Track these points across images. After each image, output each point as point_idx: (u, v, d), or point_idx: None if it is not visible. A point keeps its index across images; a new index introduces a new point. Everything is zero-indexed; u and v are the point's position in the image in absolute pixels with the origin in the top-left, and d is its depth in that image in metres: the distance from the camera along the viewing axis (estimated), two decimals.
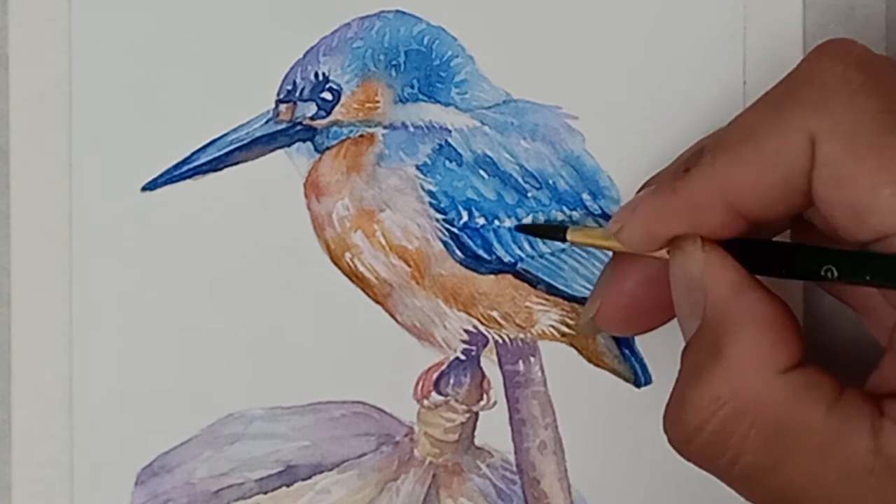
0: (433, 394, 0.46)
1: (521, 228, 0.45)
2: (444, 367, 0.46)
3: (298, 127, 0.45)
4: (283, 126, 0.45)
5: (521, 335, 0.46)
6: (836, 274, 0.38)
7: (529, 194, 0.45)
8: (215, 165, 0.45)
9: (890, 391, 0.37)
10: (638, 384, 0.46)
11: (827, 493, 0.36)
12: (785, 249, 0.39)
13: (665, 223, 0.39)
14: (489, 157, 0.45)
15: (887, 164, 0.36)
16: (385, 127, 0.45)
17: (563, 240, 0.43)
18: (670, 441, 0.38)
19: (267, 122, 0.45)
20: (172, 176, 0.45)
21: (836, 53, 0.37)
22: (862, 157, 0.36)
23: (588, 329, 0.44)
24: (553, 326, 0.46)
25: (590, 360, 0.46)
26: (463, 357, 0.46)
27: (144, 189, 0.45)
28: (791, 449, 0.36)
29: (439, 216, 0.45)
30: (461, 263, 0.45)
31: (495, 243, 0.45)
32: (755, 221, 0.38)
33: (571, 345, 0.46)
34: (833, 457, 0.36)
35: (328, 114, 0.45)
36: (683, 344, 0.39)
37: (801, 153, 0.36)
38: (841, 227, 0.37)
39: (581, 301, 0.46)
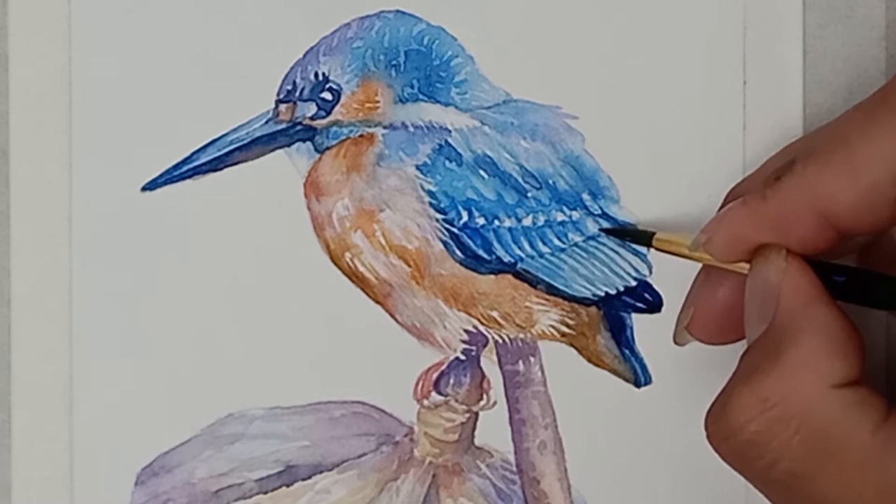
0: (433, 394, 0.46)
1: (609, 231, 0.45)
2: (444, 367, 0.46)
3: (298, 127, 0.45)
4: (283, 126, 0.45)
5: (521, 335, 0.46)
6: None
7: (529, 194, 0.45)
8: (215, 165, 0.45)
9: None
10: (638, 384, 0.46)
11: None
12: (862, 276, 0.40)
13: (754, 231, 0.39)
14: (489, 157, 0.45)
15: None
16: (385, 127, 0.45)
17: (649, 245, 0.43)
18: (709, 437, 0.38)
19: (267, 122, 0.45)
20: (172, 176, 0.45)
21: None
22: None
23: (682, 339, 0.43)
24: (553, 326, 0.46)
25: (590, 360, 0.46)
26: (463, 357, 0.46)
27: (144, 189, 0.45)
28: (832, 461, 0.36)
29: (439, 216, 0.45)
30: (461, 263, 0.45)
31: (495, 243, 0.45)
32: (844, 233, 0.38)
33: (571, 345, 0.46)
34: (873, 475, 0.36)
35: (328, 114, 0.45)
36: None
37: (892, 161, 0.37)
38: None
39: (581, 301, 0.46)
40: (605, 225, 0.45)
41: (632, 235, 0.45)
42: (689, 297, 0.43)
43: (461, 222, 0.45)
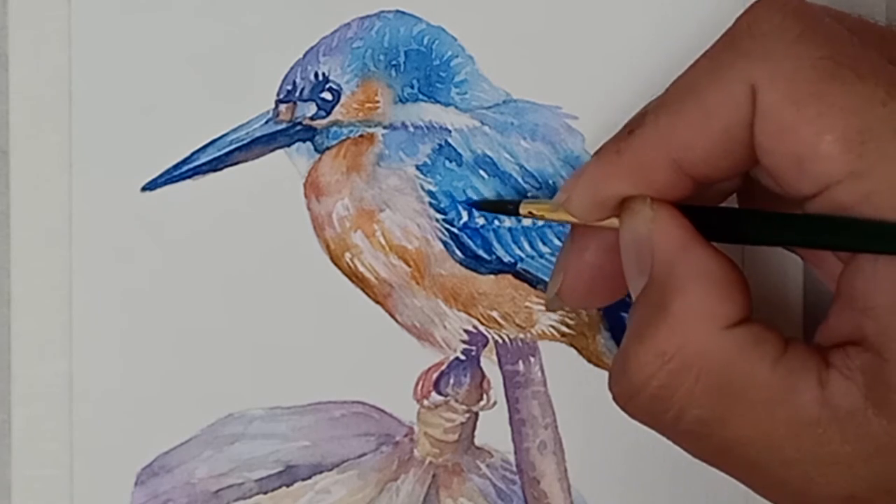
0: (433, 394, 0.46)
1: (475, 205, 0.45)
2: (443, 367, 0.46)
3: (298, 127, 0.45)
4: (283, 126, 0.45)
5: (521, 335, 0.46)
6: (779, 240, 0.38)
7: (529, 194, 0.45)
8: (215, 165, 0.45)
9: (837, 341, 0.37)
10: None
11: (774, 445, 0.36)
12: (733, 214, 0.39)
13: (611, 185, 0.39)
14: (489, 157, 0.45)
15: (828, 111, 0.35)
16: (385, 127, 0.45)
17: (517, 214, 0.42)
18: (615, 398, 0.38)
19: (267, 122, 0.45)
20: (172, 176, 0.45)
21: (775, 4, 0.37)
22: (803, 105, 0.36)
23: (554, 305, 0.43)
24: (553, 326, 0.46)
25: (590, 360, 0.46)
26: (463, 357, 0.46)
27: (144, 189, 0.45)
28: (737, 403, 0.36)
29: (439, 216, 0.45)
30: (461, 263, 0.45)
31: (495, 243, 0.45)
32: (701, 180, 0.38)
33: (571, 345, 0.46)
34: (780, 409, 0.36)
35: (328, 114, 0.45)
36: None
37: (743, 104, 0.36)
38: (785, 177, 0.37)
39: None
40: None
41: (499, 207, 0.44)
42: (558, 262, 0.42)
43: (461, 222, 0.45)
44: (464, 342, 0.46)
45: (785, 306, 0.43)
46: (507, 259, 0.45)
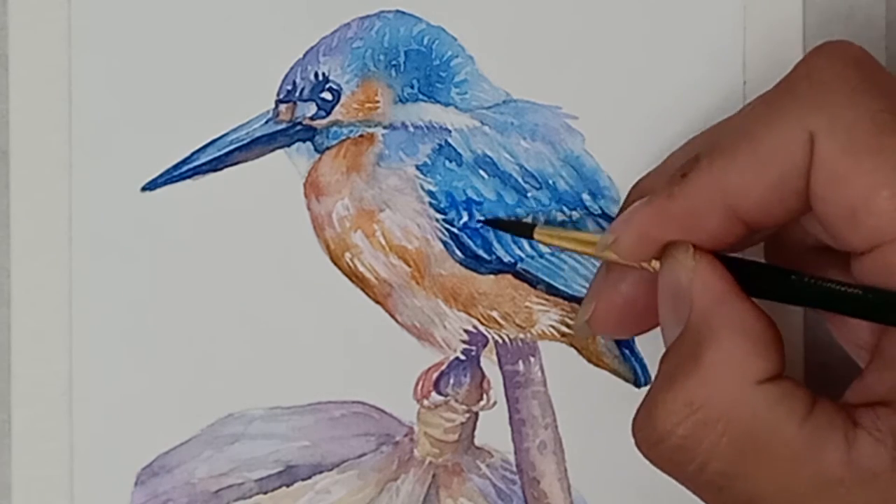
0: (433, 394, 0.46)
1: (489, 222, 0.45)
2: (443, 367, 0.46)
3: (298, 127, 0.45)
4: (283, 126, 0.45)
5: (521, 335, 0.46)
6: (819, 304, 0.38)
7: (529, 194, 0.45)
8: (215, 165, 0.45)
9: (869, 400, 0.37)
10: (638, 384, 0.46)
11: (795, 503, 0.36)
12: (774, 272, 0.39)
13: (661, 230, 0.38)
14: (489, 157, 0.45)
15: (885, 165, 0.35)
16: (385, 127, 0.45)
17: (531, 237, 0.42)
18: (637, 444, 0.38)
19: (267, 122, 0.45)
20: (172, 176, 0.45)
21: (834, 53, 0.37)
22: (860, 157, 0.36)
23: (582, 332, 0.43)
24: (553, 326, 0.46)
25: (590, 360, 0.46)
26: (463, 357, 0.46)
27: (144, 189, 0.45)
28: (762, 459, 0.36)
29: (439, 216, 0.45)
30: (461, 263, 0.45)
31: (495, 243, 0.45)
32: (753, 226, 0.38)
33: (571, 345, 0.46)
34: (805, 468, 0.36)
35: (328, 114, 0.45)
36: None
37: (799, 151, 0.36)
38: (836, 229, 0.36)
39: (581, 301, 0.46)
40: (606, 225, 0.45)
41: (513, 227, 0.44)
42: (591, 290, 0.42)
43: (461, 222, 0.45)
44: (464, 342, 0.46)
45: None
46: (507, 259, 0.45)
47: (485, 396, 0.46)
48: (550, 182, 0.45)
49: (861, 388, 0.38)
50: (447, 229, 0.45)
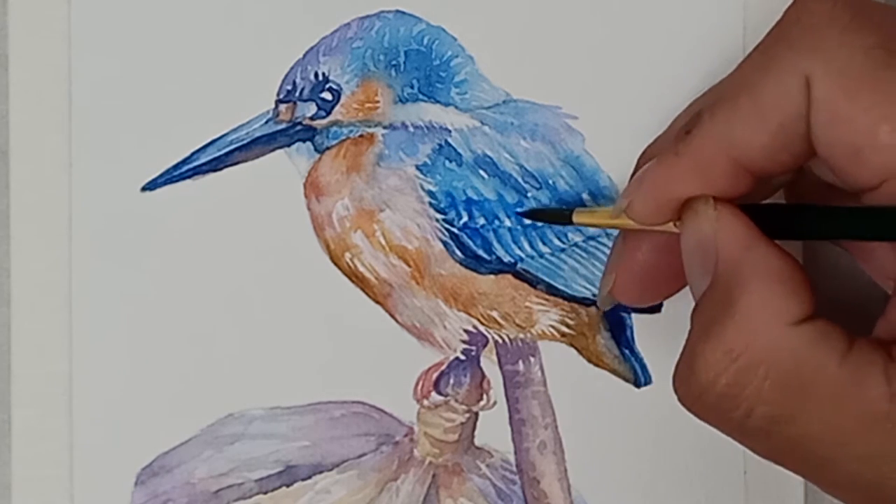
0: (433, 394, 0.46)
1: (525, 214, 0.45)
2: (443, 367, 0.46)
3: (298, 127, 0.45)
4: (283, 126, 0.45)
5: (521, 335, 0.46)
6: (840, 233, 0.38)
7: (529, 194, 0.45)
8: (215, 165, 0.45)
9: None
10: (638, 384, 0.46)
11: (843, 440, 0.36)
12: (793, 210, 0.39)
13: (673, 188, 0.39)
14: (489, 157, 0.45)
15: (883, 100, 0.36)
16: (385, 127, 0.45)
17: (570, 222, 0.43)
18: (681, 399, 0.38)
19: (267, 122, 0.45)
20: (172, 176, 0.45)
21: None
22: (857, 95, 0.36)
23: (606, 303, 0.43)
24: (553, 326, 0.46)
25: (590, 360, 0.46)
26: (463, 357, 0.46)
27: (144, 189, 0.45)
28: (806, 398, 0.36)
29: (439, 216, 0.45)
30: (461, 263, 0.45)
31: (495, 243, 0.45)
32: (761, 175, 0.38)
33: (571, 345, 0.46)
34: (848, 404, 0.36)
35: (328, 114, 0.45)
36: (686, 334, 0.38)
37: (797, 96, 0.36)
38: (843, 169, 0.37)
39: (581, 301, 0.46)
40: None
41: (552, 216, 0.44)
42: (610, 262, 0.43)
43: (461, 222, 0.45)
44: (464, 342, 0.46)
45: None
46: (507, 259, 0.45)
47: (485, 396, 0.46)
48: (550, 182, 0.45)
49: (888, 325, 0.38)
50: (447, 229, 0.45)
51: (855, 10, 0.37)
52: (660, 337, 0.46)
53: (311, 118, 0.45)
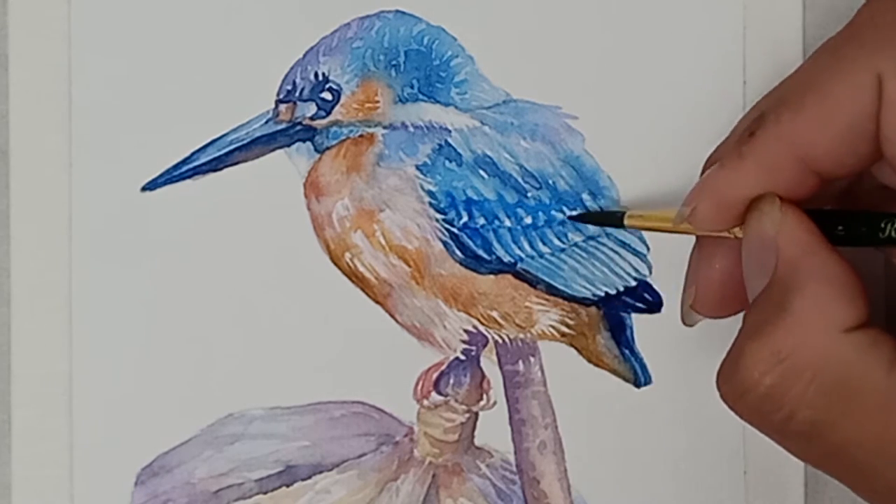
0: (433, 394, 0.46)
1: (576, 218, 0.45)
2: (443, 367, 0.46)
3: (298, 127, 0.45)
4: (283, 126, 0.45)
5: (521, 335, 0.46)
6: None
7: (529, 194, 0.45)
8: (215, 165, 0.45)
9: None
10: (638, 384, 0.46)
11: (886, 451, 0.36)
12: (854, 217, 0.39)
13: (738, 190, 0.38)
14: (489, 157, 0.45)
15: None
16: (385, 127, 0.45)
17: (622, 225, 0.43)
18: (723, 396, 0.38)
19: (267, 122, 0.45)
20: (172, 176, 0.45)
21: None
22: None
23: (690, 319, 0.43)
24: (553, 326, 0.46)
25: (590, 360, 0.46)
26: (463, 357, 0.46)
27: (144, 189, 0.45)
28: (851, 406, 0.36)
29: (439, 216, 0.45)
30: (461, 263, 0.45)
31: (495, 243, 0.45)
32: (826, 177, 0.38)
33: (571, 345, 0.46)
34: (893, 414, 0.36)
35: (328, 114, 0.45)
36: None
37: (868, 95, 0.36)
38: None
39: (581, 301, 0.46)
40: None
41: (603, 218, 0.44)
42: (688, 275, 0.42)
43: (461, 222, 0.45)
44: (464, 342, 0.46)
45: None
46: (507, 259, 0.45)
47: (485, 396, 0.46)
48: (550, 182, 0.45)
49: None
50: (447, 229, 0.45)
51: None
52: (660, 337, 0.46)
53: (311, 118, 0.45)
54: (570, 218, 0.45)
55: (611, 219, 0.44)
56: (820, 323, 0.36)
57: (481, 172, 0.45)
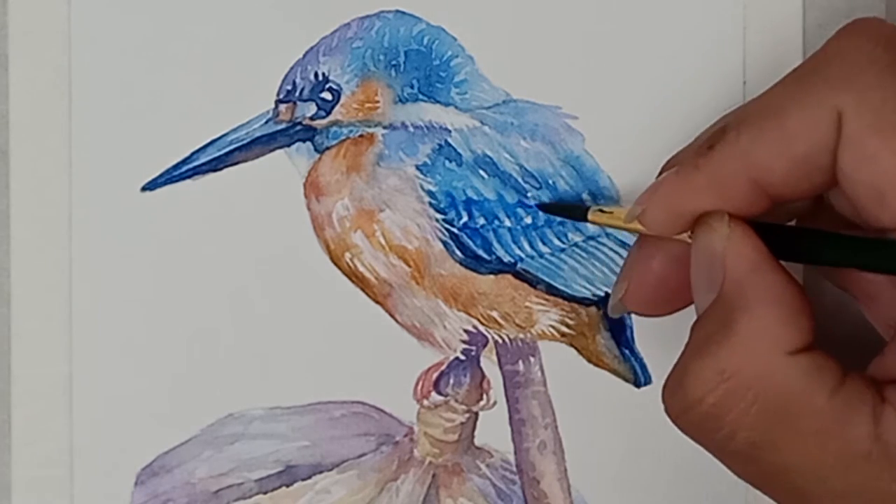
0: (433, 394, 0.46)
1: (543, 207, 0.45)
2: (443, 367, 0.46)
3: (298, 127, 0.45)
4: (283, 126, 0.45)
5: (521, 335, 0.46)
6: (848, 261, 0.38)
7: (529, 194, 0.45)
8: (215, 165, 0.45)
9: (892, 378, 0.37)
10: (638, 384, 0.46)
11: (823, 476, 0.36)
12: (809, 234, 0.39)
13: (688, 201, 0.38)
14: (489, 157, 0.45)
15: None
16: (385, 127, 0.45)
17: (585, 219, 0.43)
18: (667, 410, 0.38)
19: (267, 122, 0.45)
20: (172, 176, 0.45)
21: (866, 31, 0.37)
22: (888, 136, 0.36)
23: (616, 311, 0.43)
24: (553, 326, 0.46)
25: (590, 360, 0.46)
26: (463, 357, 0.46)
27: (144, 189, 0.45)
28: (791, 429, 0.36)
29: (439, 216, 0.45)
30: (461, 263, 0.45)
31: (495, 243, 0.45)
32: (779, 200, 0.38)
33: (571, 345, 0.46)
34: (833, 440, 0.36)
35: (328, 114, 0.45)
36: (687, 335, 0.38)
37: (827, 129, 0.36)
38: (863, 206, 0.37)
39: (581, 301, 0.46)
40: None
41: (568, 211, 0.44)
42: (624, 269, 0.42)
43: (461, 222, 0.45)
44: (464, 342, 0.46)
45: None
46: (507, 259, 0.45)
47: (485, 396, 0.46)
48: (550, 182, 0.45)
49: (883, 365, 0.38)
50: (447, 229, 0.45)
51: (895, 52, 0.37)
52: (660, 337, 0.46)
53: (311, 118, 0.45)
54: (538, 207, 0.45)
55: (576, 212, 0.44)
56: (764, 344, 0.36)
57: (481, 172, 0.45)
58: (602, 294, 0.46)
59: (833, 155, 0.37)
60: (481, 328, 0.46)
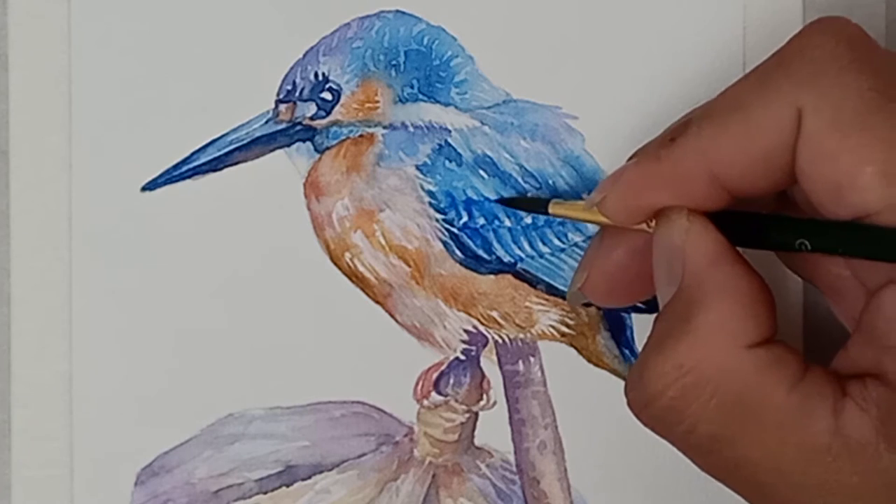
0: (433, 394, 0.46)
1: (503, 201, 0.45)
2: (443, 367, 0.46)
3: (298, 127, 0.45)
4: (283, 126, 0.45)
5: (521, 335, 0.46)
6: (809, 246, 0.38)
7: (529, 194, 0.45)
8: (215, 165, 0.45)
9: (855, 372, 0.37)
10: None
11: (782, 470, 0.36)
12: (762, 219, 0.39)
13: (648, 193, 0.39)
14: (489, 157, 0.45)
15: (870, 142, 0.36)
16: (385, 127, 0.45)
17: (546, 212, 0.43)
18: (629, 404, 0.38)
19: (267, 122, 0.45)
20: (172, 176, 0.45)
21: (829, 30, 0.37)
22: (846, 134, 0.36)
23: (575, 300, 0.43)
24: (553, 326, 0.46)
25: (590, 360, 0.46)
26: (463, 357, 0.46)
27: (144, 189, 0.45)
28: (750, 423, 0.36)
29: (439, 216, 0.45)
30: (461, 263, 0.45)
31: (495, 243, 0.45)
32: (738, 195, 0.38)
33: (571, 345, 0.46)
34: (792, 434, 0.36)
35: (328, 114, 0.45)
36: None
37: (787, 126, 0.36)
38: (822, 203, 0.37)
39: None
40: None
41: (528, 204, 0.44)
42: (584, 259, 0.43)
43: (461, 222, 0.45)
44: (464, 342, 0.46)
45: (784, 325, 0.42)
46: (507, 259, 0.45)
47: (485, 396, 0.46)
48: (550, 182, 0.45)
49: (847, 359, 0.38)
50: (447, 229, 0.45)
51: (856, 51, 0.37)
52: None
53: (311, 118, 0.45)
54: (499, 201, 0.45)
55: (537, 205, 0.44)
56: (722, 338, 0.36)
57: (481, 172, 0.45)
58: None
59: (792, 152, 0.37)
60: (481, 328, 0.46)
